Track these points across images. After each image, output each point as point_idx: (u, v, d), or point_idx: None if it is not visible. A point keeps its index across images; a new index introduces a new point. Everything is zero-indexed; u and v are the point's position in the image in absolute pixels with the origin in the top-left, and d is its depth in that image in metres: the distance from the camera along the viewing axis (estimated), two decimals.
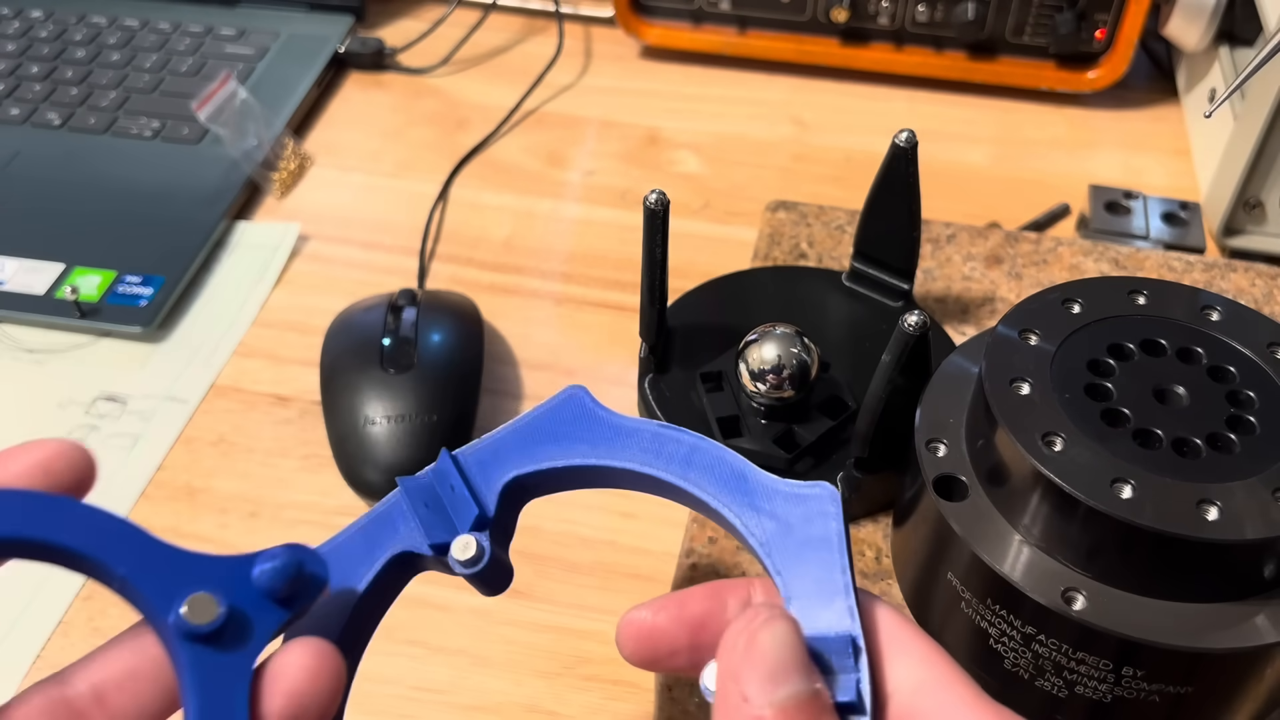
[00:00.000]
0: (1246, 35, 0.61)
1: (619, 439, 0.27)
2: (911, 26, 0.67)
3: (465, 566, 0.27)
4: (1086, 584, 0.30)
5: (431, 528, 0.27)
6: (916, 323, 0.34)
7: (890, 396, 0.36)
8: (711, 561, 0.38)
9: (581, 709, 0.41)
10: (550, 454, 0.27)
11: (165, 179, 0.61)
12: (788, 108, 0.68)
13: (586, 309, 0.56)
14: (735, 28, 0.70)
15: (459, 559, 0.27)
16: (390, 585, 0.28)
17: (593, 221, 0.61)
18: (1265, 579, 0.30)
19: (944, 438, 0.35)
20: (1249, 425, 0.32)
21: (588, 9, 0.75)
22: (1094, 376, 0.33)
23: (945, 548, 0.33)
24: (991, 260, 0.48)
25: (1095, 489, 0.29)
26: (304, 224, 0.60)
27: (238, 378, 0.52)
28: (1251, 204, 0.56)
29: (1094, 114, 0.68)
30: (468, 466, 0.28)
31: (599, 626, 0.43)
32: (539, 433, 0.28)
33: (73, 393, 0.51)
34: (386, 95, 0.70)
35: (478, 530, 0.27)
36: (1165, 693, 0.30)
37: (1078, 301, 0.35)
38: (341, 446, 0.47)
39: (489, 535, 0.27)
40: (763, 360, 0.39)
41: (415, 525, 0.27)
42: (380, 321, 0.49)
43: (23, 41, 0.70)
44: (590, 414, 0.28)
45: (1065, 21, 0.64)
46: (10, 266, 0.56)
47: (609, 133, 0.67)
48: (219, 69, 0.68)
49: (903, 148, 0.41)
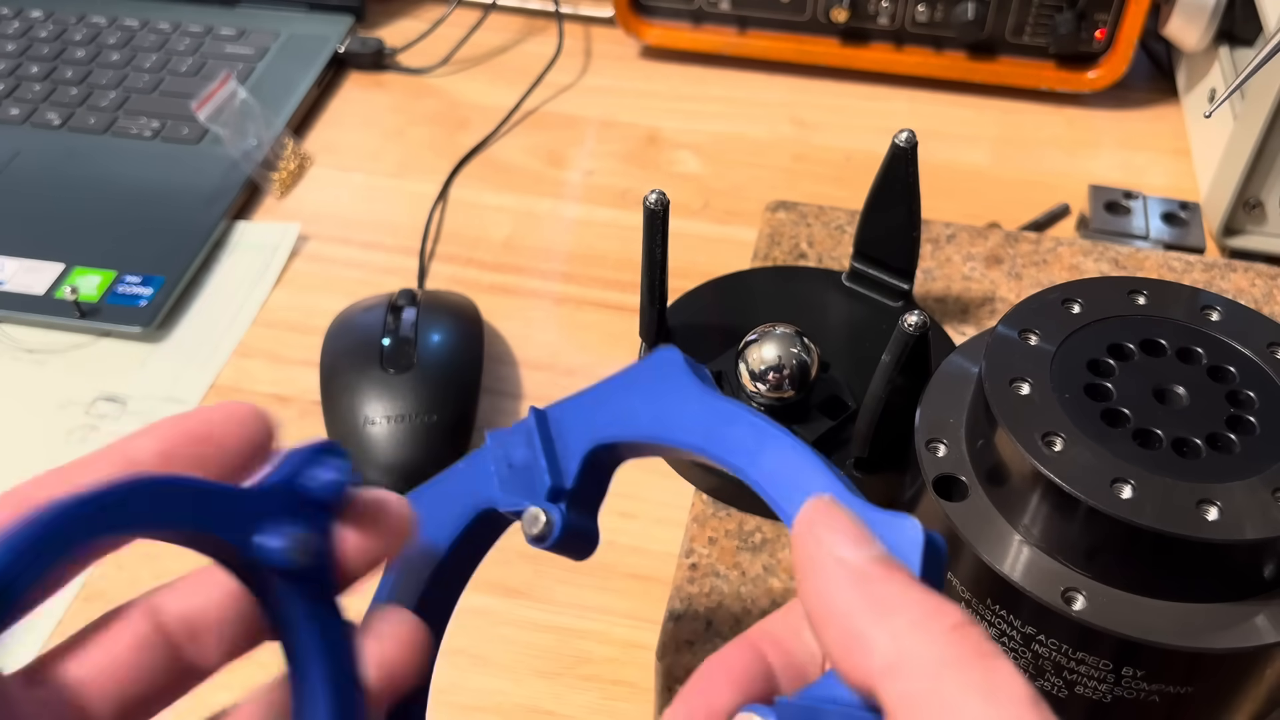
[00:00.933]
0: (1246, 35, 0.61)
1: (715, 421, 0.24)
2: (911, 26, 0.67)
3: (534, 541, 0.26)
4: (1086, 584, 0.30)
5: (510, 490, 0.26)
6: (916, 323, 0.34)
7: (890, 396, 0.36)
8: (711, 562, 0.38)
9: (581, 709, 0.41)
10: (633, 425, 0.25)
11: (165, 179, 0.61)
12: (788, 108, 0.68)
13: (586, 309, 0.56)
14: (735, 28, 0.70)
15: (528, 532, 0.26)
16: (479, 540, 0.27)
17: (593, 221, 0.61)
18: (1265, 579, 0.30)
19: (944, 438, 0.35)
20: (1249, 425, 0.31)
21: (588, 9, 0.75)
22: (1094, 376, 0.33)
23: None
24: (991, 260, 0.48)
25: (1095, 489, 0.29)
26: (304, 224, 0.60)
27: (237, 378, 0.52)
28: (1251, 204, 0.56)
29: (1094, 114, 0.68)
30: (555, 426, 0.26)
31: (599, 626, 0.43)
32: (630, 394, 0.26)
33: (72, 393, 0.51)
34: (386, 95, 0.70)
35: (553, 501, 0.26)
36: (1165, 693, 0.30)
37: (1077, 301, 0.35)
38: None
39: (565, 505, 0.26)
40: (763, 360, 0.39)
41: (497, 484, 0.26)
42: (380, 322, 0.49)
43: (23, 41, 0.70)
44: (682, 386, 0.25)
45: (1065, 21, 0.64)
46: (10, 266, 0.56)
47: (609, 133, 0.67)
48: (219, 69, 0.68)
49: (903, 148, 0.41)
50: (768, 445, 0.24)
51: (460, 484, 0.27)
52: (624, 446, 0.26)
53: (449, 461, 0.46)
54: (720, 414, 0.24)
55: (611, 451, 0.26)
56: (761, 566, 0.38)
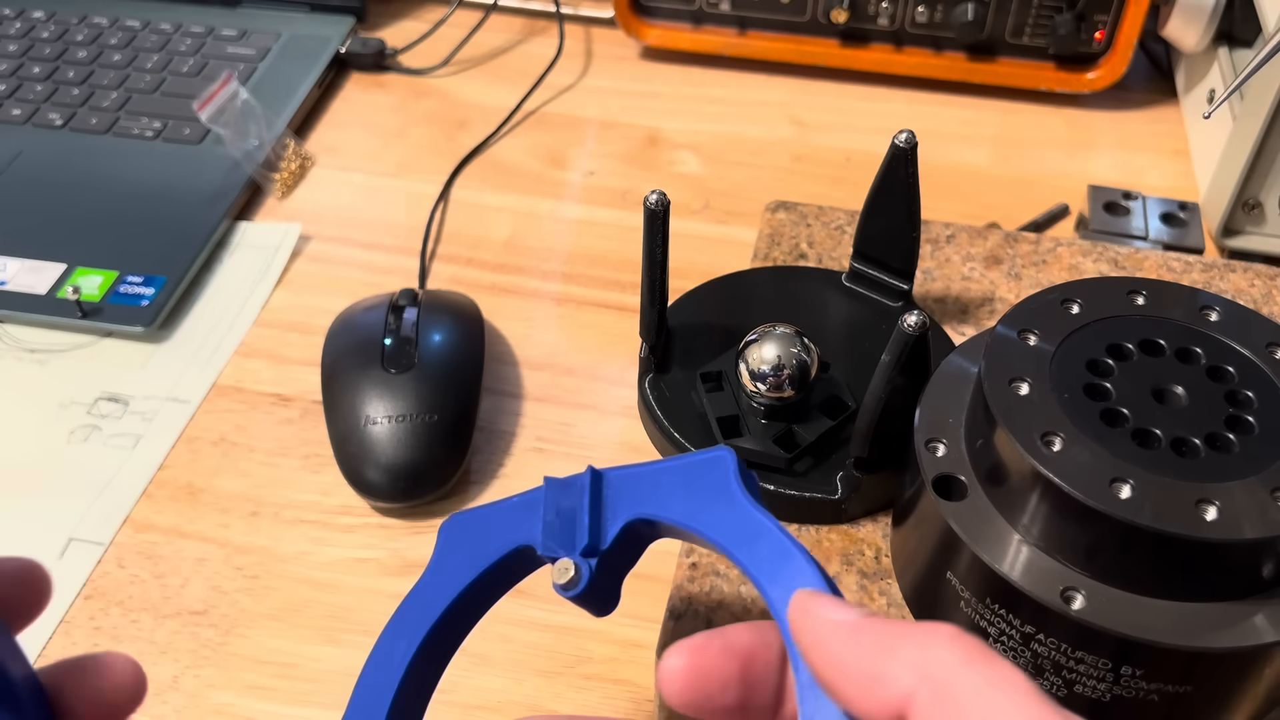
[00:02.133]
0: (1245, 36, 0.61)
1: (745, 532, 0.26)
2: (911, 27, 0.67)
3: (561, 589, 0.28)
4: (1085, 583, 0.31)
5: (550, 536, 0.28)
6: (916, 323, 0.34)
7: (890, 396, 0.36)
8: (711, 561, 0.38)
9: (581, 708, 0.41)
10: (674, 509, 0.27)
11: (167, 179, 0.61)
12: (787, 108, 0.69)
13: (587, 309, 0.56)
14: (735, 29, 0.70)
15: (556, 580, 0.28)
16: (510, 573, 0.29)
17: (593, 222, 0.61)
18: (1264, 578, 0.30)
19: (943, 437, 0.35)
20: (1247, 425, 0.32)
21: (588, 10, 0.75)
22: (1093, 376, 0.33)
23: (944, 547, 0.33)
24: (991, 260, 0.48)
25: (1094, 488, 0.30)
26: (305, 224, 0.60)
27: (239, 377, 0.52)
28: (1250, 204, 0.56)
29: (1093, 115, 0.68)
30: (608, 488, 0.28)
31: (599, 626, 0.43)
32: (680, 481, 0.28)
33: (74, 393, 0.51)
34: (387, 96, 0.70)
35: (586, 556, 0.28)
36: (1164, 692, 0.31)
37: (1077, 302, 0.35)
38: (342, 446, 0.47)
39: (596, 564, 0.28)
40: (763, 360, 0.39)
41: (541, 528, 0.28)
42: (381, 321, 0.49)
43: (24, 42, 0.71)
44: (727, 488, 0.27)
45: (1064, 22, 0.64)
46: (12, 266, 0.56)
47: (609, 133, 0.67)
48: (220, 69, 0.68)
49: (902, 148, 0.41)
50: (785, 567, 0.25)
51: (508, 517, 0.29)
52: (663, 526, 0.28)
53: (449, 461, 0.47)
54: (752, 526, 0.26)
55: (650, 527, 0.28)
56: None
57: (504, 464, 0.49)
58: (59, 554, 0.45)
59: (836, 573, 0.38)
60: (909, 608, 0.36)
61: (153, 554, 0.45)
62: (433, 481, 0.46)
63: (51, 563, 0.45)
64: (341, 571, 0.45)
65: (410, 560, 0.45)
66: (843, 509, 0.39)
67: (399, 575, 0.45)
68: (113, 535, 0.46)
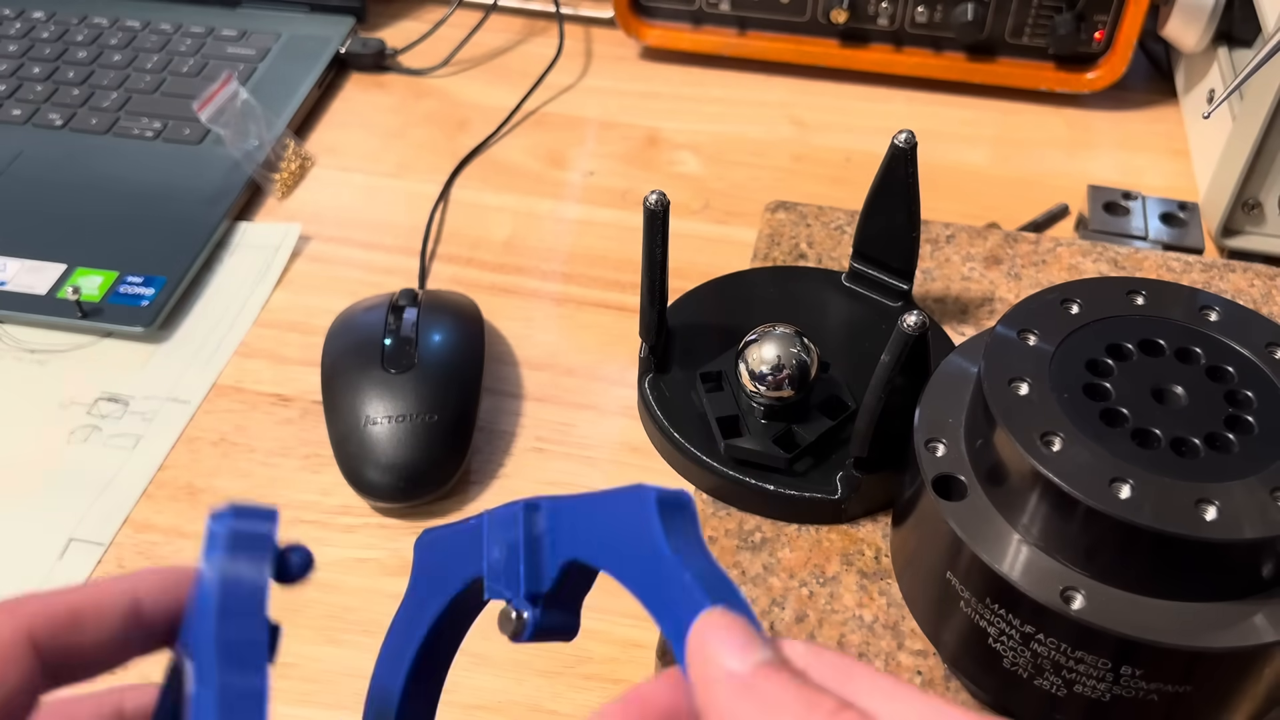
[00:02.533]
0: (1245, 36, 0.61)
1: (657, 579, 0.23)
2: (911, 27, 0.67)
3: (509, 637, 0.26)
4: (1085, 583, 0.31)
5: (494, 578, 0.26)
6: (916, 323, 0.34)
7: (889, 396, 0.36)
8: None
9: (581, 708, 0.41)
10: (601, 551, 0.25)
11: (167, 180, 0.61)
12: (787, 108, 0.69)
13: (587, 309, 0.56)
14: (735, 29, 0.70)
15: (502, 629, 0.26)
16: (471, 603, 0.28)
17: (593, 222, 0.61)
18: (1263, 578, 0.30)
19: (943, 437, 0.35)
20: (1247, 425, 0.32)
21: (588, 10, 0.75)
22: (1092, 376, 0.33)
23: (944, 547, 0.33)
24: (990, 261, 0.48)
25: (1094, 488, 0.30)
26: (305, 224, 0.60)
27: (239, 378, 0.52)
28: (1250, 204, 0.56)
29: (1093, 115, 0.68)
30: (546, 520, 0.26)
31: (599, 626, 0.43)
32: (606, 519, 0.25)
33: (74, 393, 0.51)
34: (387, 96, 0.70)
35: (531, 599, 0.25)
36: (1164, 692, 0.31)
37: (1076, 302, 0.35)
38: (342, 446, 0.47)
39: (541, 608, 0.25)
40: (762, 360, 0.39)
41: (485, 568, 0.26)
42: (381, 321, 0.49)
43: (24, 42, 0.71)
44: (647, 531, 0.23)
45: (1064, 22, 0.64)
46: (12, 267, 0.56)
47: (609, 133, 0.67)
48: (220, 70, 0.68)
49: (902, 148, 0.41)
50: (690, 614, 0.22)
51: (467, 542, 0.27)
52: (589, 571, 0.26)
53: (449, 461, 0.47)
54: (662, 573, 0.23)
55: (583, 569, 0.26)
56: (761, 565, 0.38)
57: (504, 464, 0.49)
58: (59, 554, 0.45)
59: (836, 573, 0.38)
60: (909, 608, 0.36)
61: (153, 554, 0.45)
62: (433, 481, 0.46)
63: (51, 563, 0.45)
64: (341, 571, 0.45)
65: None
66: (843, 509, 0.39)
67: (399, 575, 0.45)
68: (113, 535, 0.46)
